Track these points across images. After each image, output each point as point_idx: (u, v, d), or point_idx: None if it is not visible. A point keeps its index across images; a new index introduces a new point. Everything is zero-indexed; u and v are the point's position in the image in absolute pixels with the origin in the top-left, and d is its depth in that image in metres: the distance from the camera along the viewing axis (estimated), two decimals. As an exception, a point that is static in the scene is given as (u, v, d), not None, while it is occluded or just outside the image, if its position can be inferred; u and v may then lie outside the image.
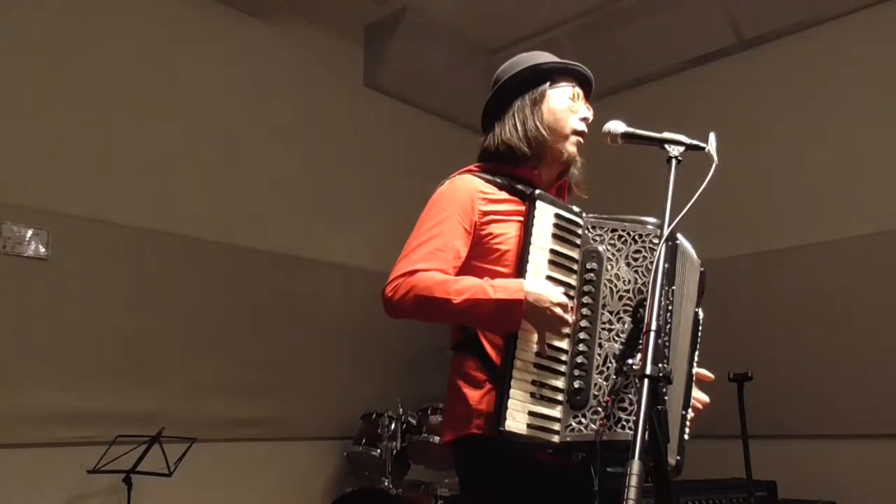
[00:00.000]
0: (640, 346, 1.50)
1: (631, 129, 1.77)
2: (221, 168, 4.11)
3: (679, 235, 1.72)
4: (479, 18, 4.79)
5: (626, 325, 1.66)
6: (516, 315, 1.65)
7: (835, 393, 3.85)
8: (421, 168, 4.97)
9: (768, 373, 3.61)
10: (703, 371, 1.89)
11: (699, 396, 1.87)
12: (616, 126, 1.78)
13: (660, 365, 1.39)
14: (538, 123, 1.89)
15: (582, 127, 1.94)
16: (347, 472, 4.23)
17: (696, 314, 1.87)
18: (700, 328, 1.87)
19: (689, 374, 1.81)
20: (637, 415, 1.35)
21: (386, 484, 3.78)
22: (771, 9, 4.30)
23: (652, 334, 1.41)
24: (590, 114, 1.97)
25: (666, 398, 1.43)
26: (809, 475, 3.76)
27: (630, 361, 1.57)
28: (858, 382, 3.79)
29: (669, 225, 1.52)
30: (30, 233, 3.38)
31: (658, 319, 1.43)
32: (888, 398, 3.70)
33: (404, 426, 3.95)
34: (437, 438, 3.79)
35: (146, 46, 3.91)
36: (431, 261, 1.75)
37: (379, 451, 3.89)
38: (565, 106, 1.93)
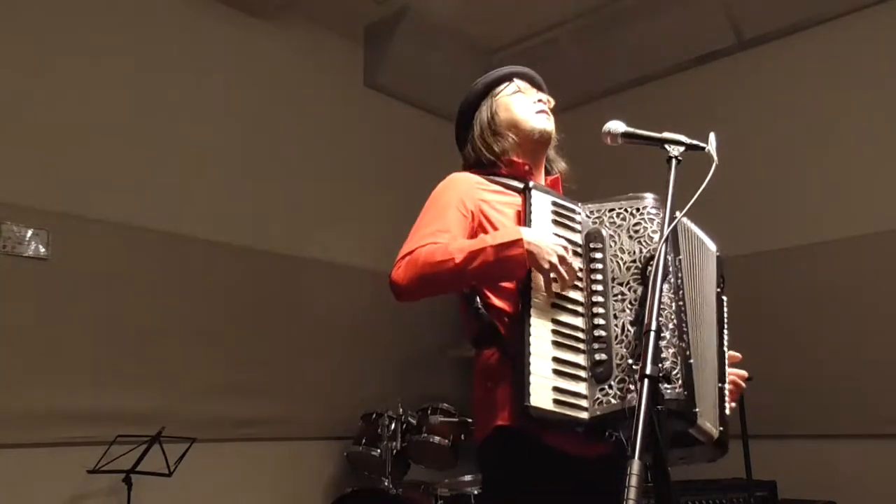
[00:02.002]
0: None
1: (631, 129, 1.77)
2: (221, 168, 4.11)
3: (686, 220, 1.75)
4: (479, 18, 4.79)
5: (638, 293, 1.66)
6: (518, 257, 1.67)
7: (835, 393, 3.85)
8: (421, 168, 4.96)
9: (768, 373, 3.61)
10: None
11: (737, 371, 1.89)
12: (616, 126, 1.78)
13: (659, 365, 1.39)
14: (497, 130, 1.96)
15: (540, 107, 1.98)
16: (347, 472, 4.23)
17: (720, 294, 1.88)
18: (725, 310, 1.89)
19: (721, 350, 1.82)
20: (637, 415, 1.34)
21: (386, 484, 3.78)
22: (771, 9, 4.30)
23: (652, 334, 1.40)
24: (541, 95, 2.00)
25: (692, 361, 1.47)
26: (809, 475, 3.76)
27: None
28: (858, 382, 3.80)
29: (669, 225, 1.52)
30: (30, 233, 3.38)
31: (658, 319, 1.43)
32: (888, 398, 3.70)
33: (404, 426, 3.94)
34: (437, 438, 3.79)
35: (146, 46, 3.91)
36: (432, 239, 1.78)
37: (379, 451, 3.89)
38: (512, 98, 1.99)
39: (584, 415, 1.59)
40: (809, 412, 3.91)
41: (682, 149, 1.66)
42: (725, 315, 1.88)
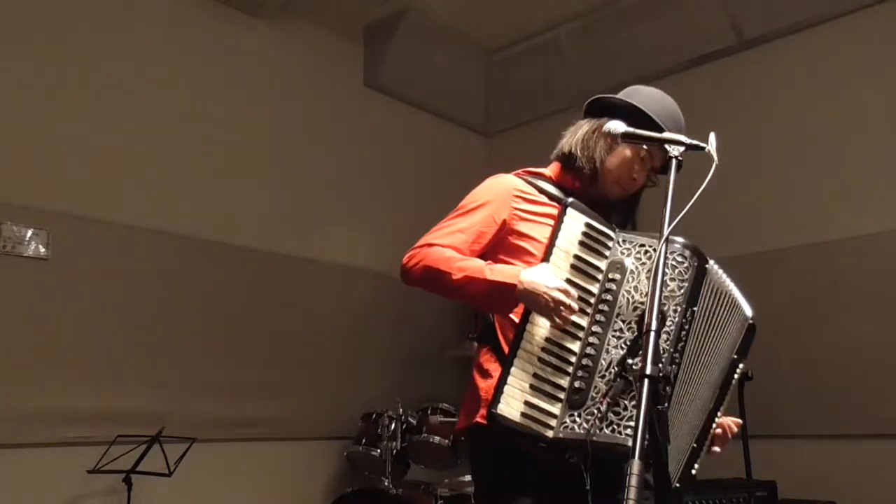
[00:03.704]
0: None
1: (631, 129, 1.77)
2: (221, 168, 4.11)
3: (720, 271, 1.76)
4: (479, 18, 4.79)
5: (634, 335, 1.68)
6: (508, 298, 1.71)
7: (835, 393, 3.85)
8: (420, 168, 4.98)
9: (768, 373, 3.60)
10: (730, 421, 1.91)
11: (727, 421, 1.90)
12: (616, 126, 1.78)
13: (659, 365, 1.39)
14: (601, 154, 1.89)
15: (626, 184, 1.91)
16: (347, 472, 4.23)
17: (735, 360, 1.85)
18: (735, 378, 1.85)
19: (712, 413, 1.82)
20: (637, 415, 1.35)
21: (386, 484, 3.78)
22: (771, 9, 4.30)
23: (652, 335, 1.41)
24: (643, 179, 1.92)
25: (667, 405, 1.44)
26: (809, 475, 3.75)
27: (630, 361, 1.60)
28: (859, 382, 3.79)
29: (669, 224, 1.53)
30: (30, 233, 3.38)
31: (658, 321, 1.43)
32: (888, 398, 3.70)
33: (404, 426, 3.95)
34: (437, 438, 3.79)
35: (146, 46, 3.91)
36: (450, 238, 1.84)
37: (379, 451, 3.89)
38: (627, 161, 1.89)
39: (549, 433, 1.64)
40: (809, 412, 3.90)
41: (682, 149, 1.65)
42: (734, 381, 1.86)
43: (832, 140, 4.12)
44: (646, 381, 1.37)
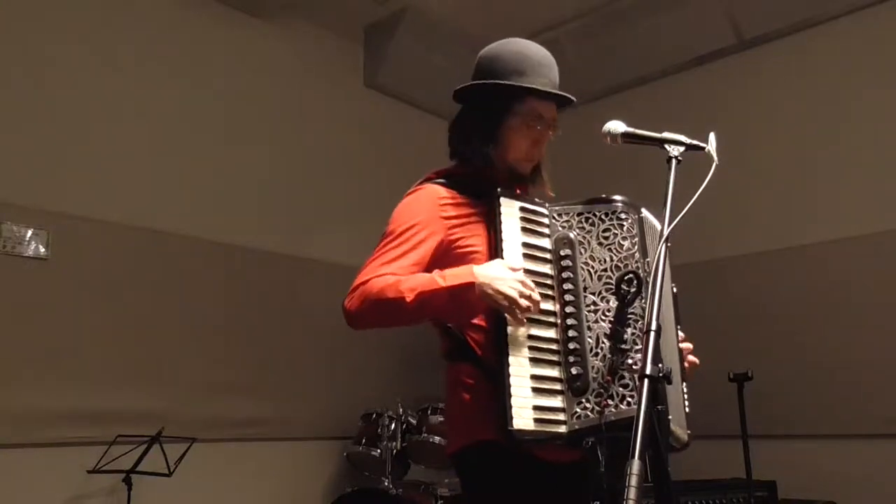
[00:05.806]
0: (630, 321, 1.59)
1: (631, 129, 1.77)
2: (221, 168, 4.11)
3: (643, 208, 1.77)
4: (479, 18, 4.78)
5: (610, 304, 1.67)
6: (471, 299, 1.65)
7: (835, 393, 3.85)
8: (421, 168, 4.96)
9: (768, 373, 3.61)
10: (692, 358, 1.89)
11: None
12: (616, 126, 1.78)
13: (659, 365, 1.39)
14: (491, 145, 1.88)
15: (531, 153, 1.90)
16: (347, 472, 4.23)
17: (672, 288, 1.87)
18: (678, 303, 1.88)
19: (679, 350, 1.82)
20: (637, 415, 1.34)
21: (386, 484, 3.78)
22: (771, 9, 4.31)
23: (652, 334, 1.40)
24: (545, 139, 1.91)
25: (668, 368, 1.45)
26: (809, 475, 3.76)
27: (619, 329, 1.60)
28: (858, 382, 3.80)
29: (670, 225, 1.52)
30: (30, 233, 3.38)
31: (658, 319, 1.43)
32: (888, 398, 3.70)
33: (404, 426, 3.95)
34: (437, 438, 3.79)
35: (146, 46, 3.91)
36: (387, 268, 1.76)
37: (379, 451, 3.89)
38: (522, 134, 1.89)
39: (563, 429, 1.62)
40: (809, 412, 3.91)
41: (682, 149, 1.65)
42: (679, 309, 1.87)
43: (832, 140, 4.13)
44: (646, 380, 1.36)
